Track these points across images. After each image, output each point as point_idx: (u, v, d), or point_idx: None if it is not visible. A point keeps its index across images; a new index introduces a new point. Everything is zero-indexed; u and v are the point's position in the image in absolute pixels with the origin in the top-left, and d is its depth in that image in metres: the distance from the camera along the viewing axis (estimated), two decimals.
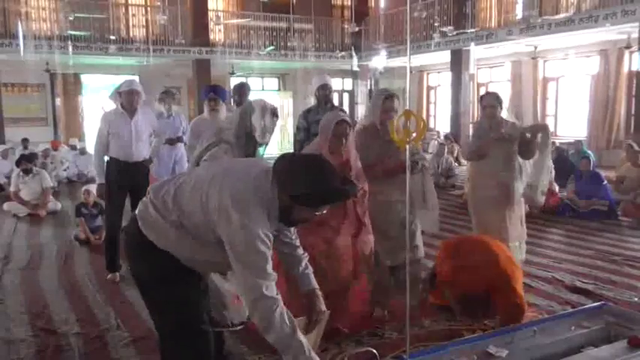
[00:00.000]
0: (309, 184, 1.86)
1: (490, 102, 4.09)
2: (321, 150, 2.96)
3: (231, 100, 4.85)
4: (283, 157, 1.97)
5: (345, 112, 4.61)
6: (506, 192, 3.99)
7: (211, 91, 4.03)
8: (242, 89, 4.45)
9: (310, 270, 2.24)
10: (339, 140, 3.02)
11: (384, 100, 3.35)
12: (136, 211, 2.13)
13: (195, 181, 2.02)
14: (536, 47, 12.17)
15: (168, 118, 5.88)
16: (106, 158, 4.41)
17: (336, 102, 5.01)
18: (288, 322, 1.87)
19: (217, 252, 1.94)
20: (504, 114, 4.16)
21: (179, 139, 5.84)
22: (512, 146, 4.00)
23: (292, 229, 2.21)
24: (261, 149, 3.27)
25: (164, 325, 2.14)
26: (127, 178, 4.34)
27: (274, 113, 3.19)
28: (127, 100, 4.30)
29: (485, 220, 4.11)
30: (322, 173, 1.90)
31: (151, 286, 2.09)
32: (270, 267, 1.88)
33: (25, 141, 10.90)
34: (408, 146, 2.24)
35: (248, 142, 3.18)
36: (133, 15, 14.49)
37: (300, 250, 2.25)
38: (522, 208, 4.21)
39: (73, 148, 11.28)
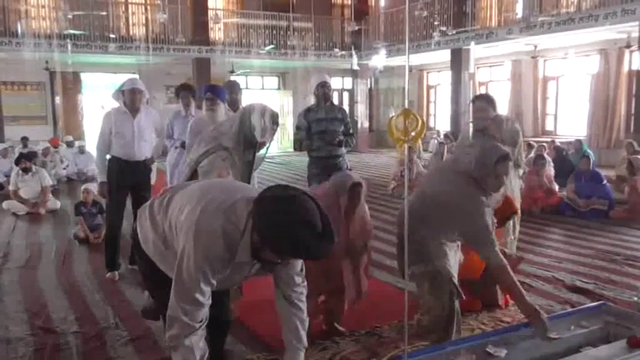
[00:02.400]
0: (275, 228, 1.63)
1: (481, 105, 3.98)
2: (332, 214, 2.63)
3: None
4: (269, 189, 1.79)
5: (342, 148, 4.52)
6: None
7: (208, 91, 4.00)
8: (231, 87, 4.43)
9: (301, 348, 2.03)
10: (354, 205, 2.82)
11: (498, 163, 2.61)
12: (139, 210, 2.18)
13: (182, 195, 1.98)
14: (536, 46, 12.16)
15: (187, 118, 5.11)
16: (108, 157, 4.40)
17: (335, 101, 4.99)
18: (197, 353, 1.80)
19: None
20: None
21: None
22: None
23: (300, 279, 2.01)
24: (262, 151, 3.21)
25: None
26: (128, 177, 4.34)
27: (275, 119, 3.09)
28: (130, 99, 4.29)
29: None
30: (295, 221, 1.63)
31: (144, 279, 2.21)
32: (202, 296, 1.78)
33: (24, 139, 10.91)
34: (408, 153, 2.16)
35: (247, 148, 3.09)
36: (133, 13, 14.46)
37: (297, 320, 2.01)
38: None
39: (69, 144, 11.27)
